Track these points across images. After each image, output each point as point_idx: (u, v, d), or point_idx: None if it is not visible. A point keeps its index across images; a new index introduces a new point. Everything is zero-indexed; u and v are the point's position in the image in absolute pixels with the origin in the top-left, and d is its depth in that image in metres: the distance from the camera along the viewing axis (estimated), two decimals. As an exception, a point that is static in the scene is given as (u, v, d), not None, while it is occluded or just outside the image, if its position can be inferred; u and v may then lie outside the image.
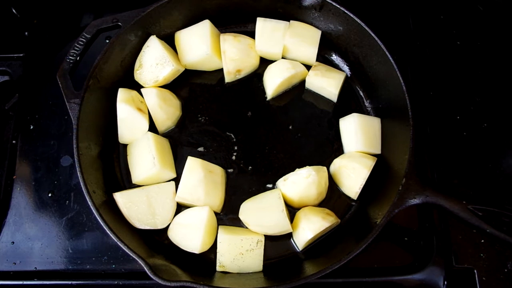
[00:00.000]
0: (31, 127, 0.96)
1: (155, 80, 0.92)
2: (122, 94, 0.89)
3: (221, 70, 0.97)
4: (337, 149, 0.92)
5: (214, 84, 0.98)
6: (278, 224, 0.81)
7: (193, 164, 0.84)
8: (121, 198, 0.82)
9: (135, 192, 0.84)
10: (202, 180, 0.83)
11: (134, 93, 0.92)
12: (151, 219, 0.83)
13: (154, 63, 0.92)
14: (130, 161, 0.89)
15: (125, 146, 0.91)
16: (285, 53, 0.98)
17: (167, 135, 0.93)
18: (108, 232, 0.75)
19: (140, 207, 0.82)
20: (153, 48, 0.93)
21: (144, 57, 0.94)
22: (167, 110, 0.91)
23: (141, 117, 0.89)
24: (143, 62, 0.93)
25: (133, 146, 0.89)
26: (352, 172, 0.85)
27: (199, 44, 0.93)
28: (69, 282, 0.83)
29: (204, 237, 0.80)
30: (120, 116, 0.88)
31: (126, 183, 0.90)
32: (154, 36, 0.94)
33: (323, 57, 1.01)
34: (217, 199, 0.85)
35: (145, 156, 0.85)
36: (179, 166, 0.89)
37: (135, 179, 0.87)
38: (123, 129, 0.89)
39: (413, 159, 0.78)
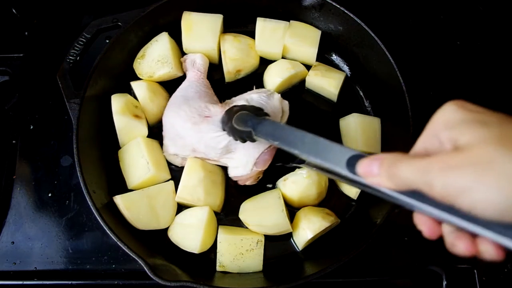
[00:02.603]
0: (31, 127, 0.96)
1: (149, 75, 0.92)
2: (116, 104, 0.87)
3: (221, 69, 0.97)
4: (337, 149, 0.92)
5: (214, 84, 0.98)
6: (278, 224, 0.81)
7: (193, 164, 0.84)
8: (122, 201, 0.81)
9: (135, 194, 0.83)
10: (202, 180, 0.83)
11: (128, 97, 0.90)
12: (153, 220, 0.83)
13: (156, 59, 0.92)
14: (123, 167, 0.87)
15: (125, 146, 0.91)
16: (285, 53, 0.98)
17: (159, 127, 0.91)
18: (108, 232, 0.75)
19: (141, 208, 0.82)
20: (161, 44, 0.93)
21: (149, 49, 0.94)
22: (158, 103, 0.90)
23: (138, 123, 0.88)
24: (146, 54, 0.94)
25: (124, 152, 0.88)
26: (352, 172, 0.85)
27: (207, 35, 0.94)
28: (69, 282, 0.83)
29: (204, 237, 0.80)
30: (118, 126, 0.87)
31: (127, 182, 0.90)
32: (166, 33, 0.94)
33: (323, 57, 1.01)
34: (217, 199, 0.85)
35: (138, 161, 0.84)
36: (177, 165, 0.89)
37: (130, 184, 0.86)
38: (122, 137, 0.88)
39: (413, 159, 0.78)
